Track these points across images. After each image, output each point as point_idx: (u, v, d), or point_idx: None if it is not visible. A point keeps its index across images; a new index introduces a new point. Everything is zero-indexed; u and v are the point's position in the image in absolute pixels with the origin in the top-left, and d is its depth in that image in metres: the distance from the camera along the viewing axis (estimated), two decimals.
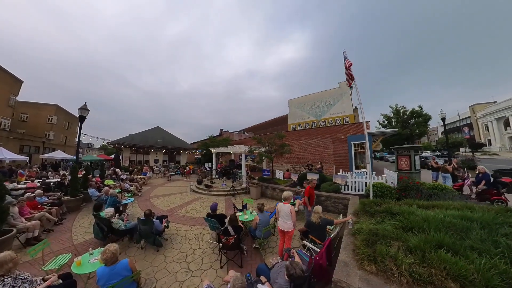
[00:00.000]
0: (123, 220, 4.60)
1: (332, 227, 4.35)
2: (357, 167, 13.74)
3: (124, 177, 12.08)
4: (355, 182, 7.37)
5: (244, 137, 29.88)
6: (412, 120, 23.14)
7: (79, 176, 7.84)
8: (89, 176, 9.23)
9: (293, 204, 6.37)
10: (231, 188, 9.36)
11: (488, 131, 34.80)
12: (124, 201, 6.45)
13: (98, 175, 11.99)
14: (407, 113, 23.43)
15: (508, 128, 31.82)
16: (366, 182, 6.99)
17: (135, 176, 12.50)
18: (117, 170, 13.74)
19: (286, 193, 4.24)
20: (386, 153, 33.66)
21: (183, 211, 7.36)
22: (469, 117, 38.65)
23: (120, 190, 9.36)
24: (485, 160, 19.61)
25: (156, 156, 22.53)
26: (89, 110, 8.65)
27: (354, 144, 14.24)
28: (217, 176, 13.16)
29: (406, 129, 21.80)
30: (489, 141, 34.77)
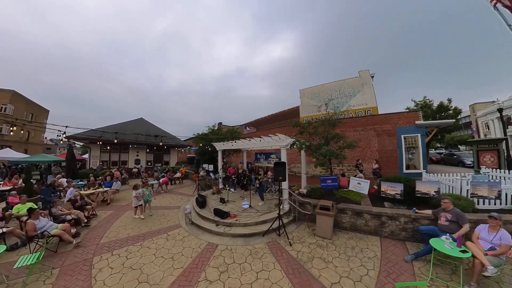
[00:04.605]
0: None
1: None
2: (407, 167, 10.64)
3: (69, 192, 6.44)
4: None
5: (246, 132, 24.67)
6: (437, 115, 20.36)
7: None
8: None
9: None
10: (278, 218, 4.25)
11: (489, 129, 33.36)
12: None
13: (14, 193, 6.28)
14: (432, 107, 20.51)
15: (510, 126, 30.44)
16: None
17: (84, 192, 6.71)
18: (62, 180, 7.88)
19: None
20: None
21: None
22: (469, 115, 37.07)
23: (24, 238, 3.90)
24: None
25: (137, 155, 16.42)
26: None
27: (405, 137, 10.87)
28: (227, 187, 7.86)
29: None
30: None
